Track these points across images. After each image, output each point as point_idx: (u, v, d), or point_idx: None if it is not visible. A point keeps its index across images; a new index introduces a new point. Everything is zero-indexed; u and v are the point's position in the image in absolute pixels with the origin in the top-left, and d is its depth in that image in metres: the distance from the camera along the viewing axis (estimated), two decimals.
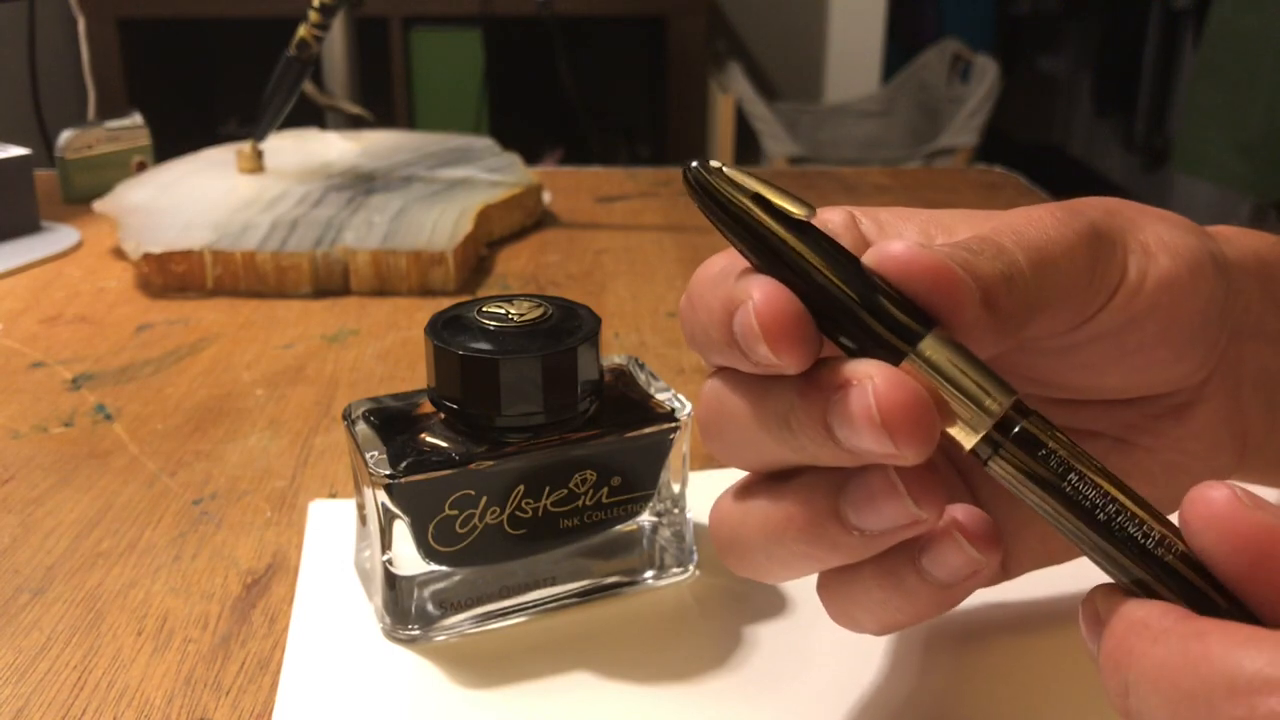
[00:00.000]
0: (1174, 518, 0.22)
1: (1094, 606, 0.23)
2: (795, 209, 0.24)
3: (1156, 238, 0.28)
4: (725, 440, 0.26)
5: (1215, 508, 0.21)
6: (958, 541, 0.25)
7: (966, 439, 0.23)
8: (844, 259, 0.24)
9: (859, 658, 0.33)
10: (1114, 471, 0.24)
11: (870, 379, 0.22)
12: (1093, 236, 0.26)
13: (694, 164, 0.24)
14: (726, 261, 0.25)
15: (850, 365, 0.23)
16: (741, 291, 0.24)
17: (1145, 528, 0.22)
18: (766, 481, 0.26)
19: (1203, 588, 0.22)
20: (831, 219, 0.27)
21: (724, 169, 0.24)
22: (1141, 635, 0.21)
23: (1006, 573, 0.30)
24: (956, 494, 0.30)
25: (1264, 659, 0.18)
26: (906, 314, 0.23)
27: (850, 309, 0.23)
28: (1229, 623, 0.20)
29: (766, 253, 0.24)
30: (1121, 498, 0.23)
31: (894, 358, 0.23)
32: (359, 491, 0.35)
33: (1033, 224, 0.26)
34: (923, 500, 0.23)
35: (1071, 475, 0.23)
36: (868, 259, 0.24)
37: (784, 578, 0.27)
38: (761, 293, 0.23)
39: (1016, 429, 0.23)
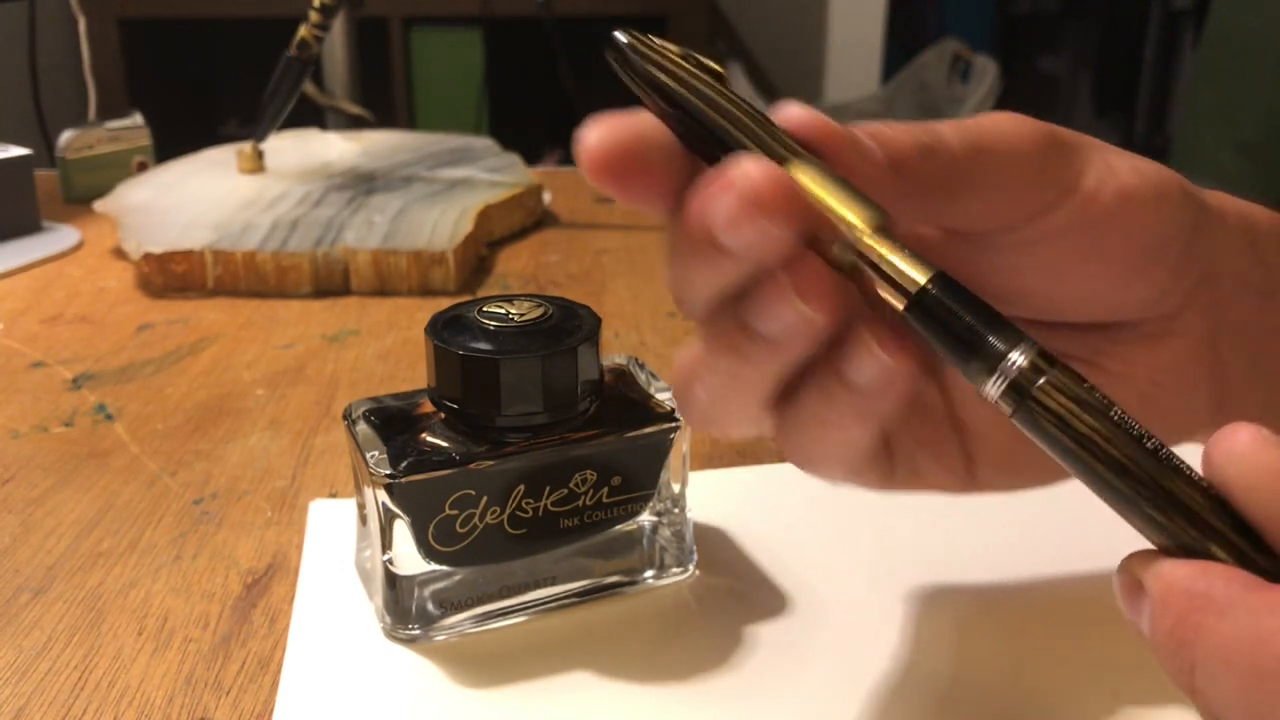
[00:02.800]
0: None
1: (1131, 575, 0.22)
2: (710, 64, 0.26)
3: (1124, 160, 0.29)
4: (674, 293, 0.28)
5: (1240, 443, 0.21)
6: (869, 347, 0.25)
7: (844, 253, 0.25)
8: (748, 106, 0.26)
9: (859, 657, 0.33)
10: None
11: (739, 164, 0.24)
12: (1048, 137, 0.28)
13: (617, 34, 0.26)
14: None
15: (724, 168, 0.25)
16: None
17: (1184, 463, 0.22)
18: (705, 325, 0.28)
19: (1243, 518, 0.21)
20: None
21: (643, 40, 0.26)
22: (1207, 610, 0.20)
23: (973, 481, 0.31)
24: (931, 399, 0.31)
25: None
26: (784, 144, 0.25)
27: (736, 140, 0.25)
28: None
29: (673, 99, 0.26)
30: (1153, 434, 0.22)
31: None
32: (359, 491, 0.35)
33: (986, 120, 0.27)
34: (810, 299, 0.25)
35: (1116, 408, 0.23)
36: (774, 114, 0.26)
37: (729, 414, 0.28)
38: (611, 119, 0.25)
39: (1057, 368, 0.23)
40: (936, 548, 0.38)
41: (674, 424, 0.35)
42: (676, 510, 0.36)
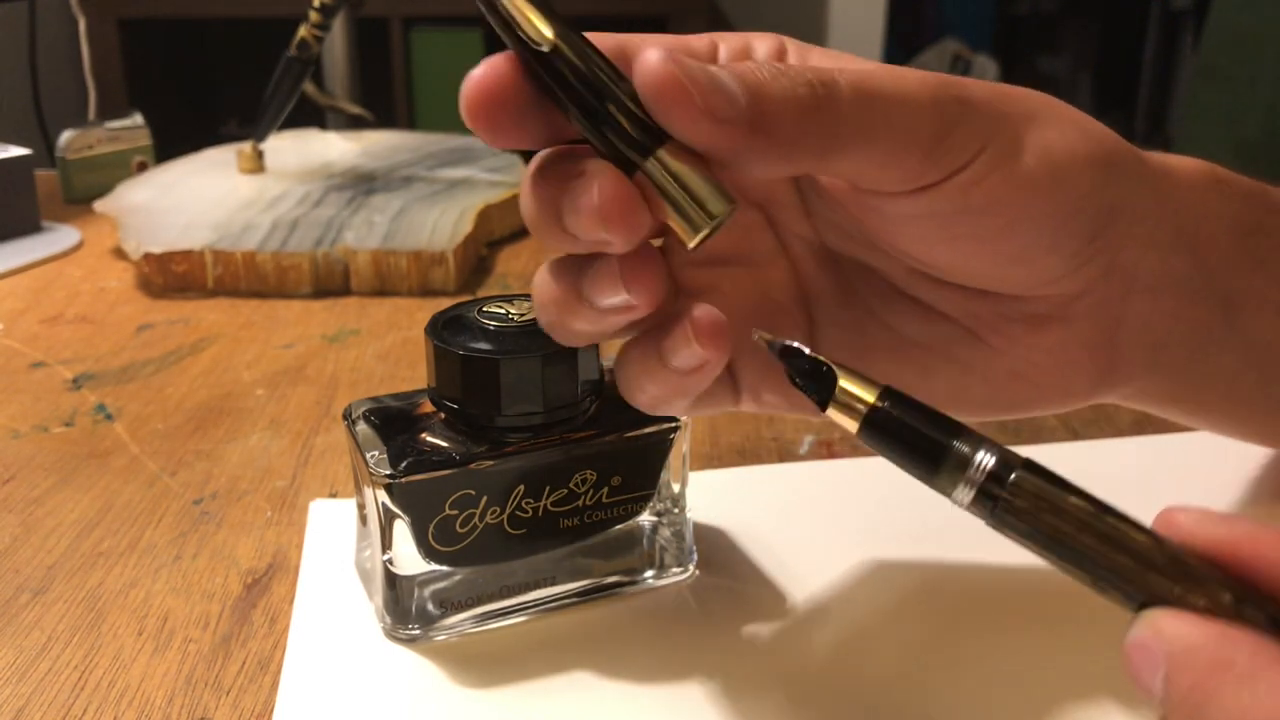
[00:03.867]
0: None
1: (1147, 629, 0.21)
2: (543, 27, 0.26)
3: (1038, 136, 0.28)
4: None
5: (1183, 525, 0.21)
6: (686, 336, 0.27)
7: (689, 238, 0.26)
8: (603, 71, 0.25)
9: (859, 658, 0.33)
10: (956, 362, 0.30)
11: (596, 177, 0.25)
12: (953, 107, 0.26)
13: None
14: None
15: (585, 163, 0.26)
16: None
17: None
18: (557, 263, 0.30)
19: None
20: (761, 46, 0.30)
21: None
22: (1225, 676, 0.19)
23: (736, 398, 0.32)
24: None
25: None
26: (640, 129, 0.25)
27: (592, 124, 0.26)
28: None
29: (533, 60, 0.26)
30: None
31: (628, 168, 0.26)
32: (359, 491, 0.35)
33: (893, 74, 0.26)
34: (634, 287, 0.27)
35: (1088, 494, 0.22)
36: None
37: (572, 333, 0.30)
38: (485, 65, 0.26)
39: (1020, 468, 0.23)
40: (937, 548, 0.38)
41: (674, 424, 0.35)
42: (676, 510, 0.36)
